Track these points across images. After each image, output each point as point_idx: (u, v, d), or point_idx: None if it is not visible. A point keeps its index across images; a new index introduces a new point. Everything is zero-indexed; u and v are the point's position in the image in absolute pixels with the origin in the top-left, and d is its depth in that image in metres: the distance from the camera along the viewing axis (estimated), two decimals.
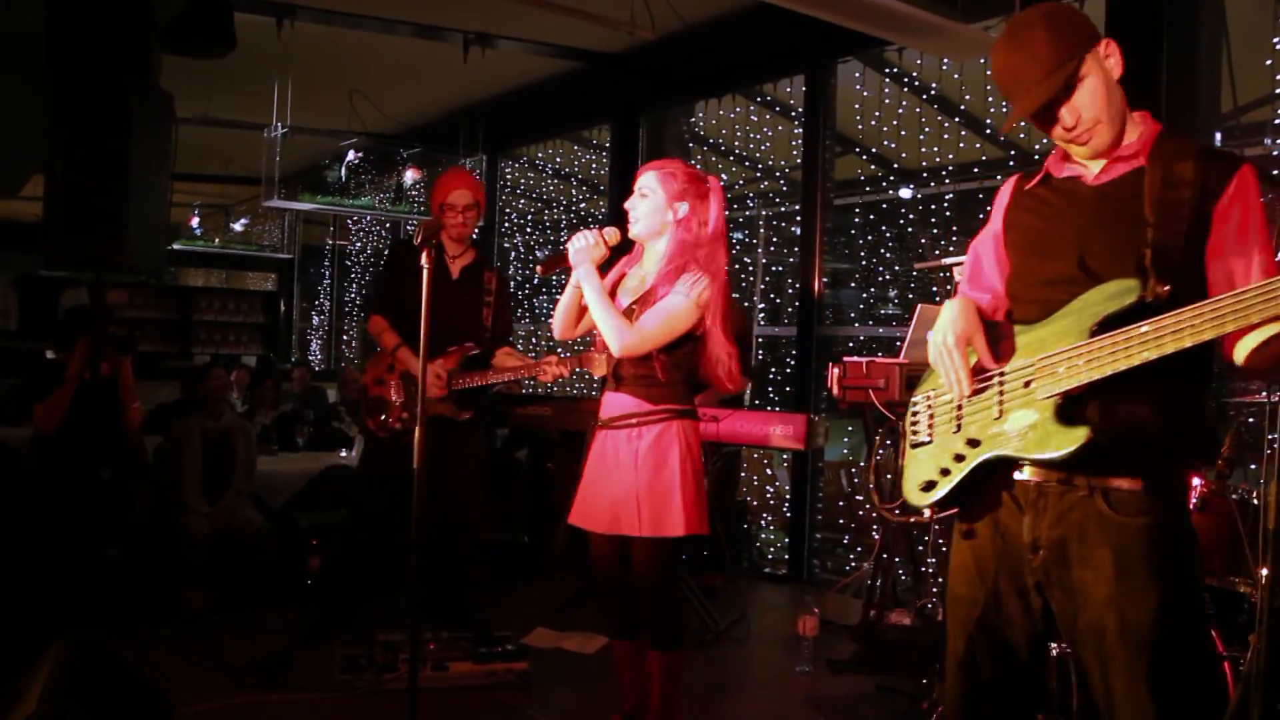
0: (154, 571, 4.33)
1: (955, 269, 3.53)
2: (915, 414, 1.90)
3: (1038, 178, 1.83)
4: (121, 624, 3.96)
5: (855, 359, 3.87)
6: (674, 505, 2.61)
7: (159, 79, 3.49)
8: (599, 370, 3.37)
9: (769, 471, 6.22)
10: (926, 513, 1.81)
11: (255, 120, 6.99)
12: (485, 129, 7.67)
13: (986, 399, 1.76)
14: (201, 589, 4.38)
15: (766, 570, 5.61)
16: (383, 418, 3.83)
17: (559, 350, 7.70)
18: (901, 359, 3.79)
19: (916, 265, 4.19)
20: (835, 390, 3.88)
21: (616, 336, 2.62)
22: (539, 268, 2.66)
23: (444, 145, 7.73)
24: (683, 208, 2.65)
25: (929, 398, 1.88)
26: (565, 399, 5.52)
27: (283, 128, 6.76)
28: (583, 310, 2.75)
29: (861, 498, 5.59)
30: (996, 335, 1.78)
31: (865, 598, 4.10)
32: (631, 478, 2.63)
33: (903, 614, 3.99)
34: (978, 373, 1.78)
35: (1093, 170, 1.75)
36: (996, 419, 1.73)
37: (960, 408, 1.80)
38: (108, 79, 3.27)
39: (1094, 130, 1.70)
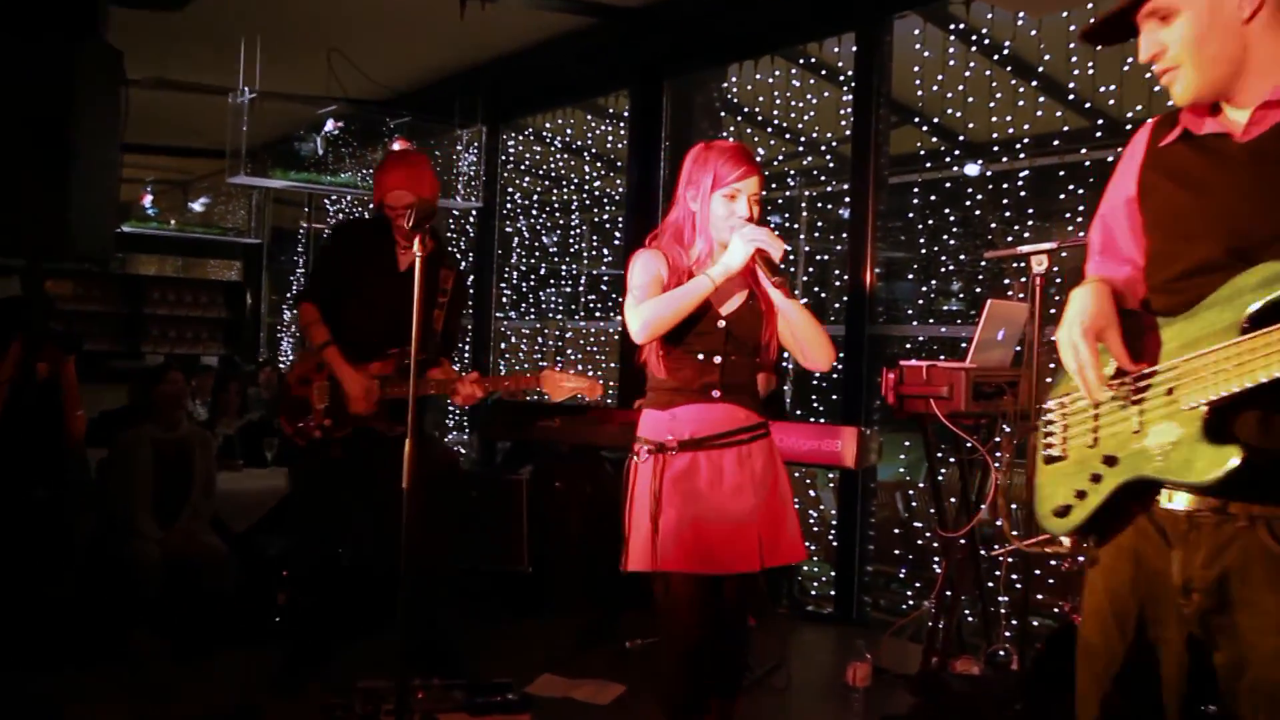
0: (98, 609, 4.31)
1: (1032, 259, 3.50)
2: (1049, 423, 1.87)
3: (1175, 133, 1.76)
4: (59, 670, 3.94)
5: (913, 363, 3.83)
6: (791, 528, 2.71)
7: (106, 36, 3.46)
8: (558, 393, 3.40)
9: (812, 493, 6.21)
10: (1066, 542, 1.80)
11: (218, 84, 6.99)
12: (485, 96, 7.68)
13: (1125, 409, 1.72)
14: (153, 629, 4.36)
15: (809, 609, 5.61)
16: (301, 424, 3.88)
17: (557, 359, 7.66)
18: (968, 362, 3.79)
19: (986, 254, 4.15)
20: (890, 399, 3.88)
21: (829, 350, 2.73)
22: (778, 284, 2.56)
23: (437, 114, 7.75)
24: None
25: (1063, 404, 1.86)
26: (576, 409, 5.52)
27: (250, 93, 6.76)
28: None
29: (921, 524, 5.55)
30: (1136, 330, 1.73)
31: (926, 642, 4.08)
32: (749, 503, 2.65)
33: (970, 662, 3.94)
34: (1115, 376, 1.75)
35: (1240, 122, 1.68)
36: (1136, 433, 1.69)
37: (1097, 417, 1.77)
38: (46, 35, 3.24)
39: (1175, 74, 1.67)
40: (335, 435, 3.84)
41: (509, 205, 8.14)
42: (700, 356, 2.68)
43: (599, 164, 7.79)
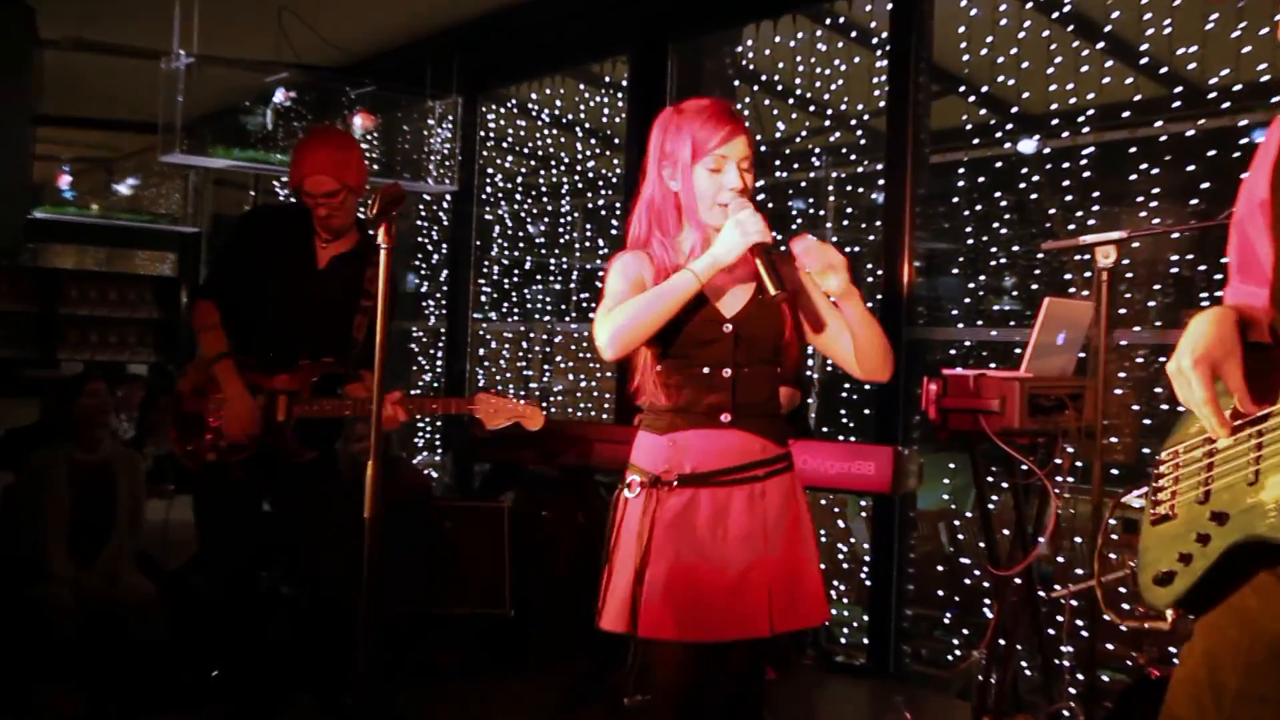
0: (1, 661, 4.29)
1: (1098, 251, 3.50)
2: (1159, 476, 1.89)
3: None
4: None
5: (959, 371, 3.85)
6: (811, 583, 2.63)
7: None
8: (492, 420, 3.44)
9: (841, 524, 6.20)
10: (1169, 616, 1.81)
11: (149, 46, 7.00)
12: (461, 61, 7.70)
13: (1240, 456, 1.73)
14: (67, 686, 4.33)
15: (839, 659, 5.60)
16: (192, 446, 3.88)
17: (545, 367, 7.65)
18: (1023, 371, 3.80)
19: (1043, 246, 4.16)
20: (932, 414, 3.90)
21: (889, 356, 2.72)
22: (773, 287, 2.50)
23: (405, 83, 7.79)
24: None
25: (1176, 454, 1.88)
26: (567, 424, 5.50)
27: (187, 57, 6.76)
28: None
29: (969, 560, 5.55)
30: (1263, 366, 1.73)
31: (975, 699, 4.07)
32: (759, 553, 2.58)
33: None
34: (1234, 418, 1.75)
35: None
36: (1251, 485, 1.70)
37: (1210, 467, 1.78)
38: None
39: None
40: (233, 458, 3.85)
41: (489, 189, 8.15)
42: (705, 370, 2.61)
43: (593, 141, 7.79)
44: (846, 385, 6.21)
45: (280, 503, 3.92)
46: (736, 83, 6.57)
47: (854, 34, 6.08)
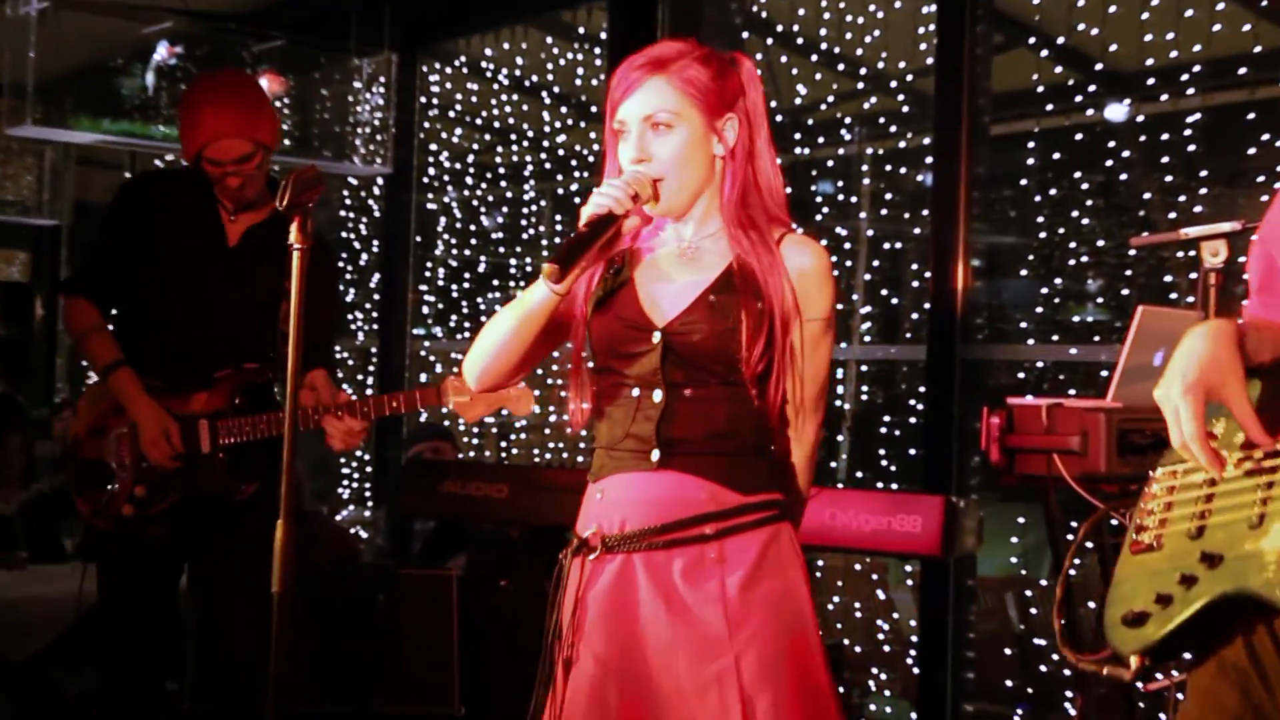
0: None
1: (1205, 246, 3.50)
2: (1150, 498, 2.01)
3: None
4: None
5: (1028, 400, 3.85)
6: (812, 683, 2.49)
7: None
8: (470, 412, 3.50)
9: (881, 595, 6.18)
10: (1133, 663, 1.89)
11: None
12: (396, 8, 7.69)
13: (1246, 493, 1.82)
14: None
15: None
16: (102, 500, 3.88)
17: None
18: (1110, 400, 3.80)
19: (1134, 241, 4.15)
20: (995, 455, 3.86)
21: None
22: (551, 269, 2.51)
23: (324, 36, 7.76)
24: (731, 127, 2.65)
25: (1174, 475, 1.99)
26: (532, 470, 5.47)
27: (40, 1, 6.72)
28: (545, 335, 2.64)
29: (1044, 641, 5.54)
30: (1275, 391, 1.84)
31: None
32: (722, 641, 2.46)
33: None
34: (1244, 448, 1.86)
35: None
36: (1253, 528, 1.79)
37: (1210, 499, 1.89)
38: None
39: None
40: (153, 510, 3.85)
41: (432, 171, 8.14)
42: (635, 392, 2.58)
43: (564, 110, 7.79)
44: (886, 417, 6.23)
45: (206, 567, 3.93)
46: (746, 34, 6.58)
47: None
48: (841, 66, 6.50)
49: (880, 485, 6.15)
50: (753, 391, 2.54)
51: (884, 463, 6.22)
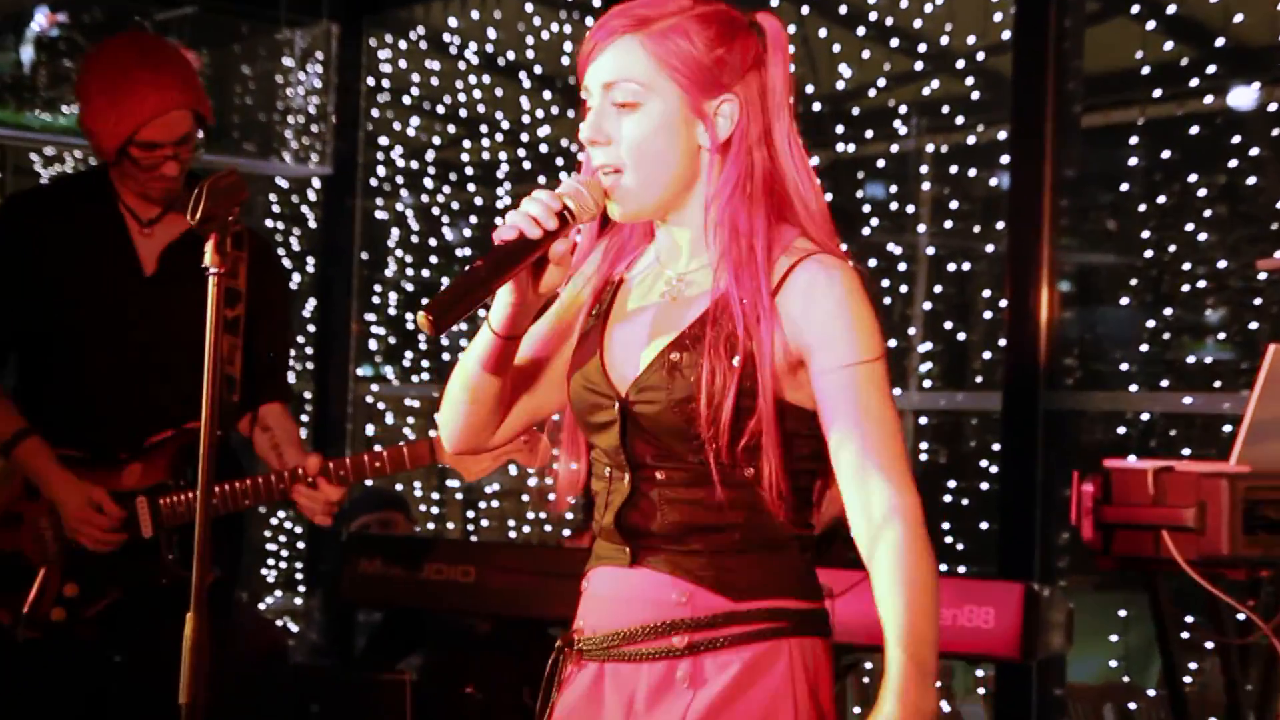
0: None
1: None
2: None
3: None
4: None
5: (1132, 463, 3.86)
6: None
7: None
8: (473, 468, 3.45)
9: (946, 707, 6.16)
10: None
11: None
12: None
13: None
14: None
15: None
16: (25, 603, 3.87)
17: None
18: (1233, 463, 3.79)
19: (1263, 264, 4.17)
20: (1087, 531, 3.88)
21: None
22: (424, 319, 2.42)
23: (244, 1, 7.83)
24: (728, 111, 2.55)
25: None
26: (505, 548, 5.44)
27: None
28: (510, 386, 2.64)
29: None
30: None
31: None
32: None
33: None
34: None
35: None
36: None
37: None
38: None
39: None
40: (88, 612, 3.88)
41: (381, 170, 8.16)
42: (607, 471, 2.57)
43: (548, 94, 7.82)
44: (951, 482, 6.27)
45: (140, 679, 3.91)
46: (775, 1, 6.58)
47: None
48: (895, 42, 6.55)
49: (944, 568, 6.12)
50: (746, 471, 2.47)
51: (948, 539, 6.22)
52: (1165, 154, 5.80)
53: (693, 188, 2.55)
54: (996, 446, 5.80)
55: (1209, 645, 4.32)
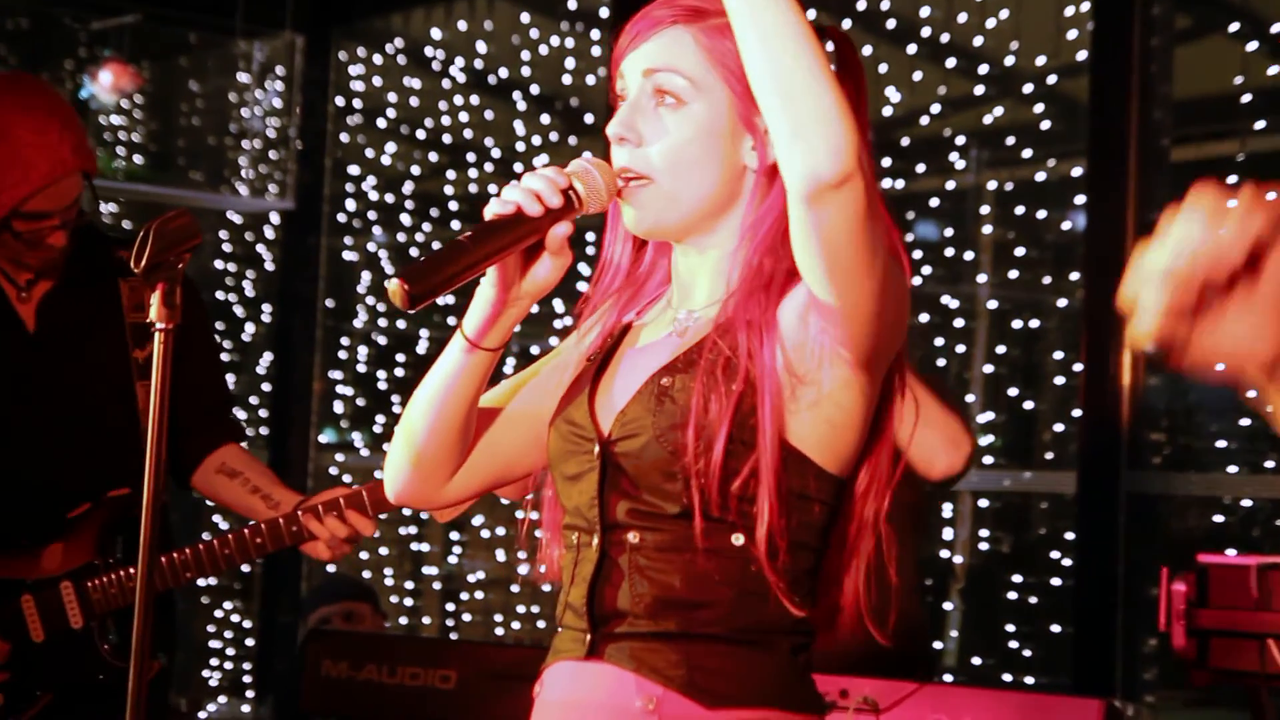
0: None
1: None
2: None
3: None
4: None
5: (1230, 558, 3.96)
6: None
7: None
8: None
9: None
10: None
11: None
12: None
13: None
14: None
15: None
16: None
17: (452, 535, 7.59)
18: None
19: None
20: (1180, 639, 3.88)
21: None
22: (398, 287, 2.36)
23: (193, 8, 7.86)
24: None
25: None
26: (491, 648, 5.34)
27: None
28: (476, 429, 2.67)
29: None
30: None
31: None
32: None
33: None
34: None
35: None
36: None
37: None
38: None
39: None
40: (25, 715, 3.92)
41: (351, 204, 8.22)
42: (574, 537, 2.57)
43: (547, 118, 7.87)
44: (1016, 577, 6.27)
45: None
46: (812, 11, 6.52)
47: None
48: (952, 62, 6.58)
49: (1008, 678, 6.14)
50: (734, 536, 2.44)
51: (1013, 644, 6.23)
52: (1270, 194, 5.77)
53: (725, 212, 2.56)
54: (1070, 536, 5.82)
55: None
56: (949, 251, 6.65)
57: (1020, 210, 6.57)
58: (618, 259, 2.68)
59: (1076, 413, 5.73)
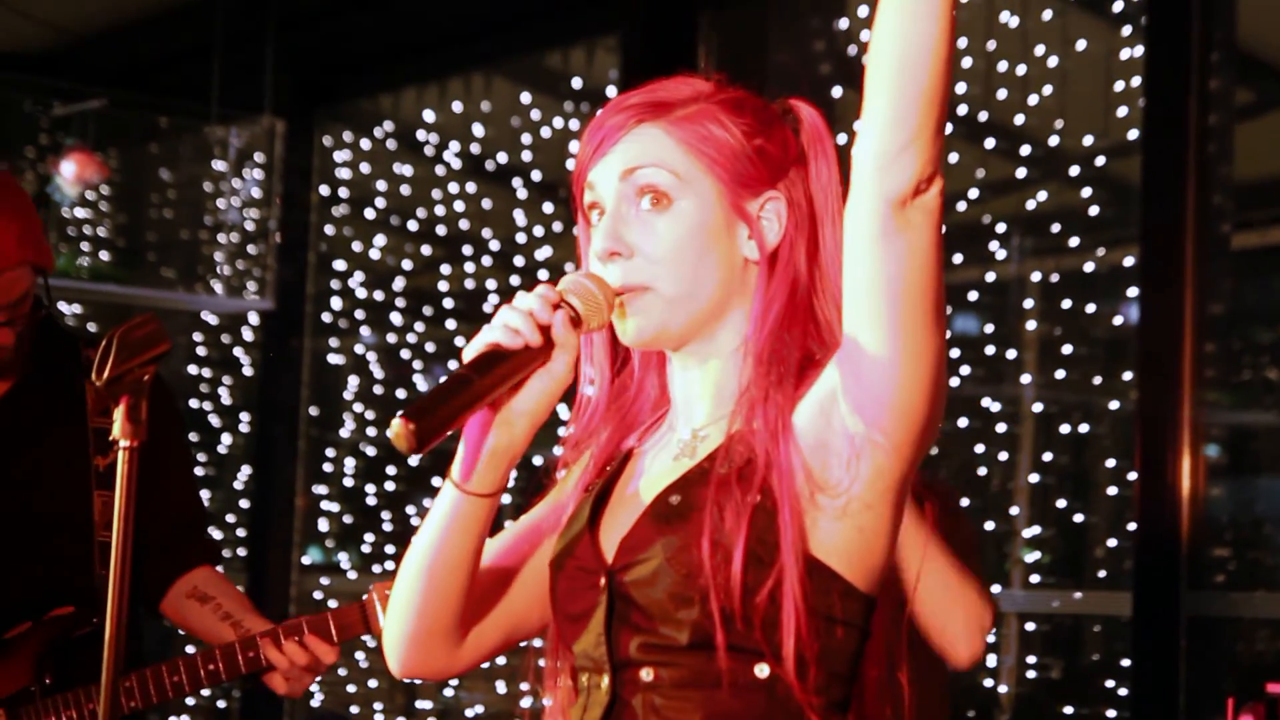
0: None
1: None
2: None
3: None
4: None
5: None
6: None
7: None
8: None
9: None
10: None
11: None
12: (279, 47, 7.79)
13: None
14: None
15: None
16: None
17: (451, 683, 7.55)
18: None
19: None
20: None
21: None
22: (402, 428, 2.30)
23: (167, 90, 7.90)
24: (774, 212, 2.53)
25: None
26: None
27: None
28: (481, 587, 2.59)
29: None
30: None
31: None
32: None
33: None
34: None
35: None
36: None
37: None
38: None
39: None
40: None
41: (337, 303, 8.23)
42: (584, 679, 2.51)
43: (549, 205, 7.85)
44: (1068, 709, 6.24)
45: None
46: (839, 90, 6.65)
47: None
48: (991, 142, 6.59)
49: None
50: (757, 667, 2.37)
51: None
52: None
53: (726, 312, 2.53)
54: (1126, 662, 5.79)
55: None
56: (990, 349, 6.63)
57: (1067, 303, 6.57)
58: (595, 397, 2.65)
59: (1131, 526, 5.67)
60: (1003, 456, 6.50)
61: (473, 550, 2.51)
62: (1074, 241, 6.44)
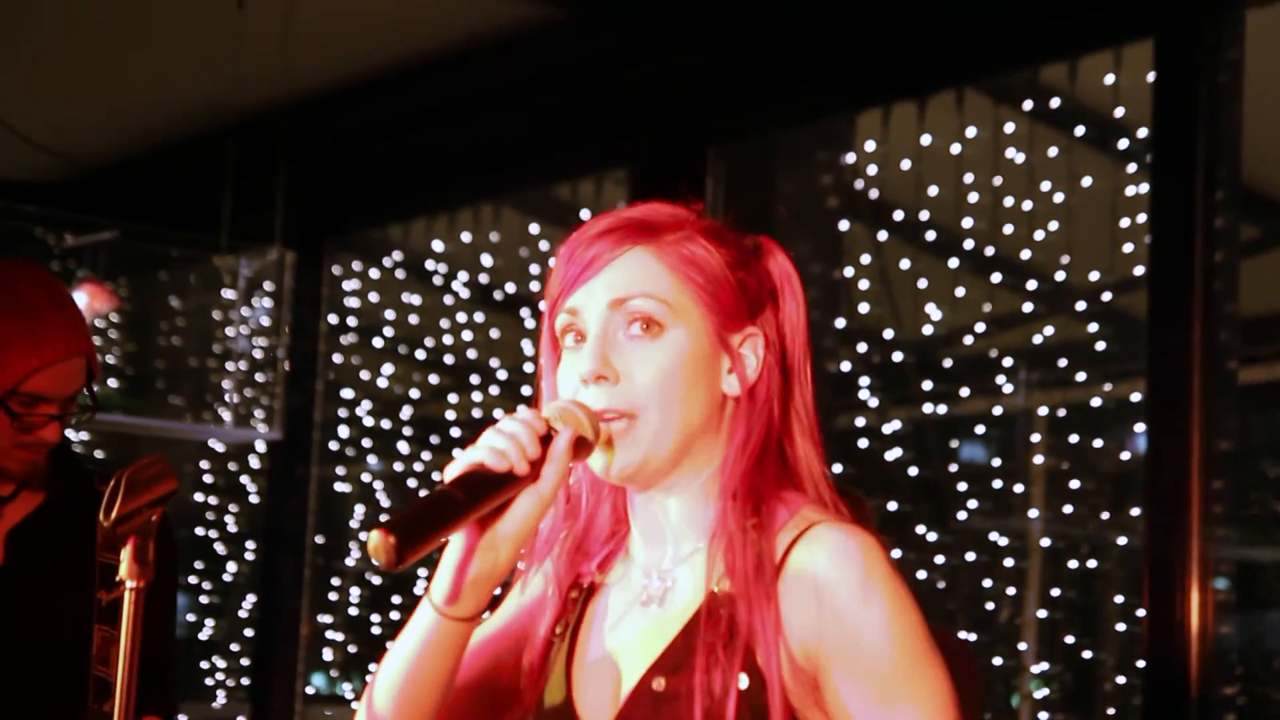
0: None
1: None
2: None
3: None
4: None
5: None
6: None
7: None
8: None
9: None
10: None
11: None
12: (289, 178, 7.79)
13: None
14: None
15: None
16: None
17: None
18: None
19: None
20: None
21: None
22: (381, 541, 2.23)
23: (176, 222, 7.88)
24: (753, 347, 2.53)
25: None
26: None
27: None
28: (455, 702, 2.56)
29: None
30: None
31: None
32: None
33: None
34: None
35: None
36: None
37: None
38: None
39: None
40: None
41: (345, 432, 8.22)
42: None
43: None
44: None
45: None
46: (845, 224, 6.67)
47: (1079, 130, 6.21)
48: (998, 276, 6.60)
49: None
50: None
51: None
52: None
53: (696, 447, 2.49)
54: None
55: None
56: (997, 483, 6.64)
57: (1074, 438, 6.57)
58: (547, 528, 2.60)
59: (1140, 663, 5.64)
60: (1010, 591, 6.46)
61: (449, 671, 2.46)
62: (1081, 376, 6.47)
